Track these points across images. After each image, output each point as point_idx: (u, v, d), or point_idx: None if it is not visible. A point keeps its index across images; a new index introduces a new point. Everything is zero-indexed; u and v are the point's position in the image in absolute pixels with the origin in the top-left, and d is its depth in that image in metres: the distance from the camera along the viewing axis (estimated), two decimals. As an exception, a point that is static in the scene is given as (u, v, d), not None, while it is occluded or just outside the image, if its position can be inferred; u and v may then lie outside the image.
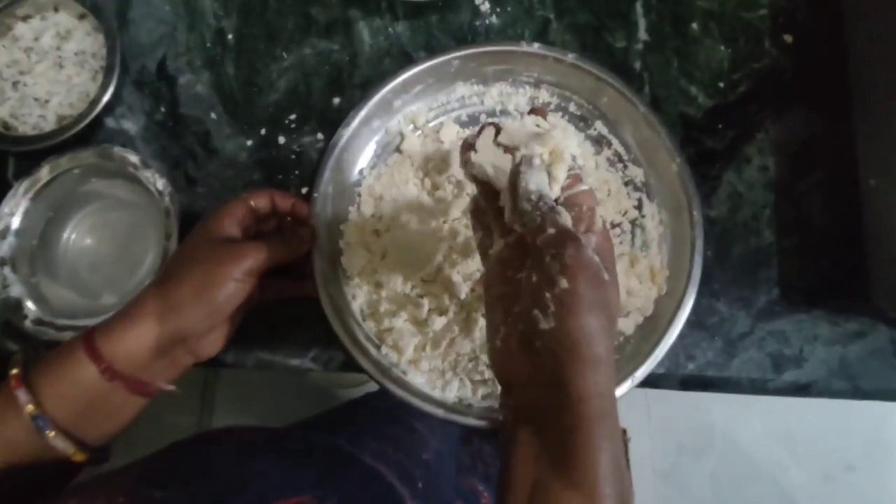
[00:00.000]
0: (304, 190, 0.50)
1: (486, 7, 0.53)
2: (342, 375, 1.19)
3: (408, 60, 0.52)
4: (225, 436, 0.42)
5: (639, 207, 0.47)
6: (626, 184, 0.48)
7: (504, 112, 0.50)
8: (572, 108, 0.49)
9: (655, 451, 1.27)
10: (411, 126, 0.50)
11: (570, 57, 0.47)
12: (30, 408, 0.33)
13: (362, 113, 0.48)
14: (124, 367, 0.35)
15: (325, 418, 0.59)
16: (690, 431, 1.28)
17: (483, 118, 0.50)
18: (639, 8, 0.53)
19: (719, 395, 0.47)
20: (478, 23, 0.53)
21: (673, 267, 0.45)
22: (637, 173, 0.48)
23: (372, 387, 1.21)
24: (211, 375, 1.34)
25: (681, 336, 0.45)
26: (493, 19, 0.53)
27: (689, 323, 0.45)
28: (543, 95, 0.50)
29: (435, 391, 0.43)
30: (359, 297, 0.46)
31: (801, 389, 0.46)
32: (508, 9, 0.53)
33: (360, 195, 0.49)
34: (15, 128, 0.51)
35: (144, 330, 0.35)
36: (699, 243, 0.43)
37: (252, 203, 0.41)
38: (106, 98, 0.49)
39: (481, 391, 0.44)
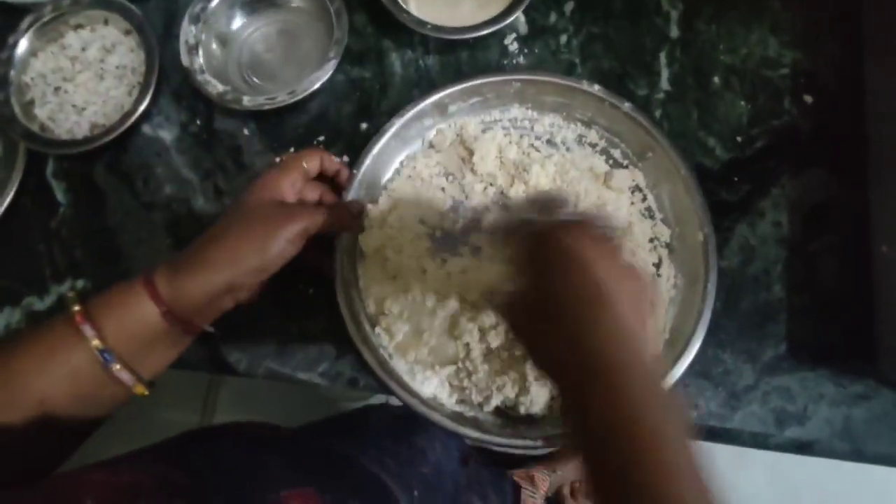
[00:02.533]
0: (345, 157, 0.52)
1: (514, 47, 0.55)
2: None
3: (436, 93, 0.54)
4: (237, 429, 0.43)
5: (658, 265, 0.48)
6: (650, 240, 0.49)
7: (551, 142, 0.52)
8: (617, 154, 0.51)
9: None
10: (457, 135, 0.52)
11: (626, 106, 0.49)
12: (96, 342, 0.35)
13: (417, 108, 0.50)
14: (181, 310, 0.38)
15: (323, 427, 0.60)
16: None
17: (528, 142, 0.52)
18: (663, 58, 0.54)
19: (722, 445, 0.47)
20: (505, 62, 0.55)
21: (674, 332, 0.46)
22: (664, 232, 0.49)
23: (372, 398, 1.21)
24: (215, 375, 1.35)
25: (684, 385, 0.45)
26: (521, 59, 0.55)
27: (694, 372, 0.46)
28: (592, 136, 0.51)
29: (414, 382, 0.45)
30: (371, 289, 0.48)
31: (803, 448, 0.45)
32: (536, 50, 0.55)
33: (385, 189, 0.51)
34: (51, 130, 0.53)
35: (203, 278, 0.38)
36: (707, 315, 0.44)
37: (305, 165, 0.44)
38: (137, 113, 0.52)
39: (456, 395, 0.46)
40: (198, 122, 0.55)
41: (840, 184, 0.50)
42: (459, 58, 0.55)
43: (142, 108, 0.52)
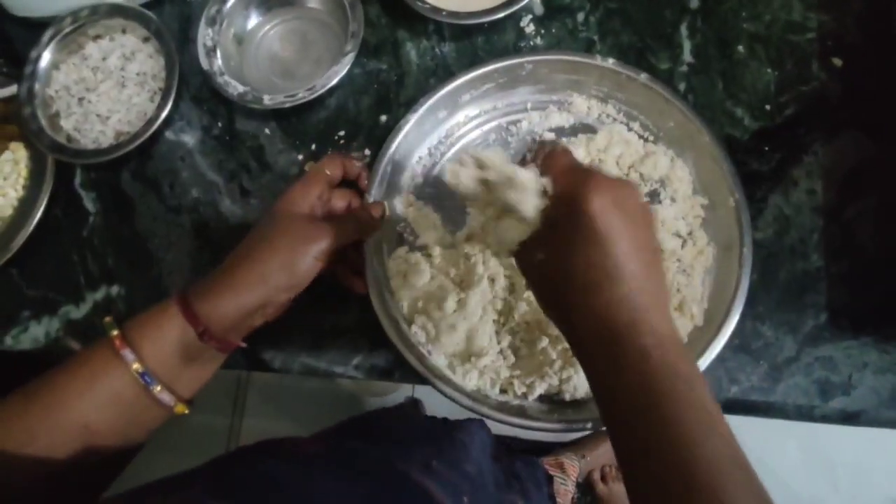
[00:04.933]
0: (366, 152, 0.52)
1: (531, 29, 0.54)
2: (372, 382, 1.21)
3: (454, 80, 0.53)
4: (281, 447, 0.43)
5: (690, 235, 0.48)
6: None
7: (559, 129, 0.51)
8: (636, 127, 0.50)
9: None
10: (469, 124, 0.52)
11: (643, 77, 0.48)
12: (136, 365, 0.36)
13: (431, 101, 0.49)
14: (216, 329, 0.38)
15: (359, 427, 0.60)
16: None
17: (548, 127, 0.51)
18: (683, 30, 0.53)
19: (754, 419, 0.46)
20: (522, 44, 0.54)
21: (712, 301, 0.45)
22: (694, 202, 0.48)
23: (398, 397, 1.21)
24: (243, 377, 1.37)
25: (723, 359, 0.45)
26: (538, 40, 0.54)
27: (733, 346, 0.45)
28: (610, 111, 0.51)
29: (455, 376, 0.45)
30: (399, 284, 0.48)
31: (850, 418, 0.44)
32: (553, 30, 0.54)
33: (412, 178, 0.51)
34: (77, 140, 0.54)
35: (236, 298, 0.38)
36: (745, 282, 0.43)
37: (328, 173, 0.44)
38: (161, 119, 0.52)
39: (499, 386, 0.45)
40: (219, 124, 0.55)
41: (874, 146, 0.49)
42: (475, 43, 0.55)
43: (164, 113, 0.52)
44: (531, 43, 0.54)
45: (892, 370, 0.45)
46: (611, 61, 0.49)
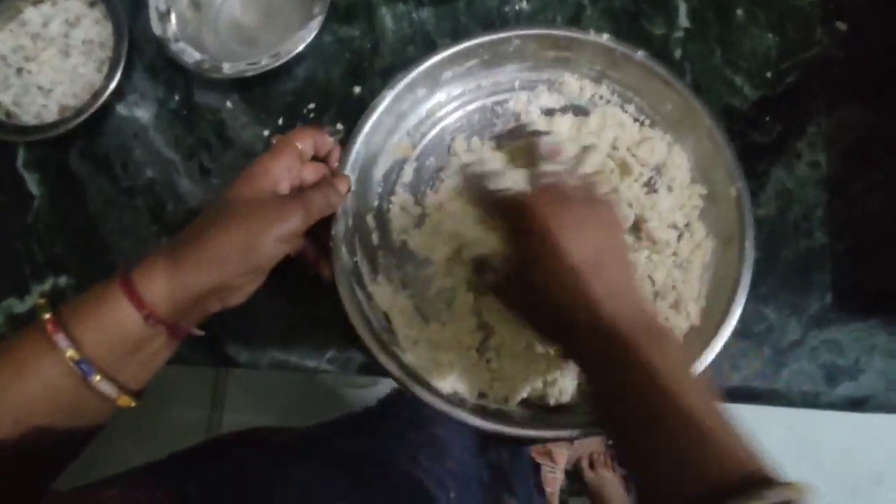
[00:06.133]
0: (339, 126, 0.48)
1: (516, -8, 0.50)
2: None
3: (432, 48, 0.49)
4: (253, 437, 0.40)
5: (687, 227, 0.44)
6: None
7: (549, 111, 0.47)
8: (632, 109, 0.46)
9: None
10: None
11: (639, 55, 0.44)
12: (71, 353, 0.31)
13: (409, 78, 0.44)
14: (165, 313, 0.34)
15: (345, 423, 0.57)
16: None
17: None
18: (679, -7, 0.50)
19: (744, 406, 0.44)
20: (507, 8, 0.50)
21: (710, 298, 0.42)
22: (693, 191, 0.45)
23: (381, 390, 1.19)
24: (222, 370, 1.33)
25: (725, 345, 0.42)
26: (524, 4, 0.50)
27: (734, 332, 0.42)
28: (604, 91, 0.47)
29: (432, 377, 0.41)
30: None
31: (857, 404, 0.42)
32: (539, -6, 0.50)
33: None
34: (17, 116, 0.49)
35: (187, 278, 0.34)
36: (745, 279, 0.40)
37: (299, 146, 0.39)
38: (109, 91, 0.47)
39: (477, 389, 0.42)
40: (176, 97, 0.50)
41: (881, 115, 0.46)
42: (457, 8, 0.50)
43: (113, 84, 0.47)
44: (516, 7, 0.50)
45: (901, 353, 0.43)
46: (605, 37, 0.45)
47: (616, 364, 0.31)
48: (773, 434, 1.30)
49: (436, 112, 0.47)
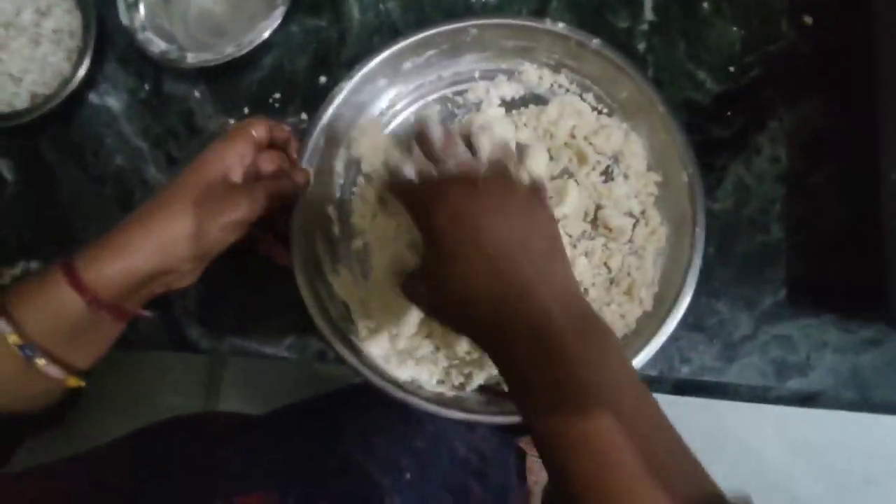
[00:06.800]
0: (303, 116, 0.49)
1: (482, -17, 0.50)
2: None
3: (398, 39, 0.49)
4: (194, 422, 0.41)
5: (642, 214, 0.44)
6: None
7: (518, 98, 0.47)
8: (590, 98, 0.46)
9: (663, 455, 1.23)
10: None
11: (595, 43, 0.44)
12: (13, 337, 0.32)
13: (367, 68, 0.44)
14: (107, 296, 0.34)
15: (307, 408, 0.58)
16: (700, 435, 1.23)
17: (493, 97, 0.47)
18: (645, -15, 0.49)
19: (733, 402, 0.44)
20: (473, 0, 0.50)
21: (663, 283, 0.42)
22: (647, 178, 0.45)
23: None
24: (217, 360, 1.34)
25: (675, 338, 0.42)
26: (490, -4, 0.50)
27: (687, 325, 0.42)
28: (563, 80, 0.47)
29: (389, 366, 0.42)
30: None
31: (806, 400, 0.42)
32: (506, -15, 0.50)
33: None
34: (-12, 104, 0.50)
35: (130, 263, 0.34)
36: (696, 264, 0.40)
37: (254, 133, 0.39)
38: (77, 80, 0.48)
39: (436, 377, 0.43)
40: (146, 86, 0.51)
41: (843, 109, 0.45)
42: (422, -1, 0.51)
43: (81, 73, 0.48)
44: (482, -1, 0.50)
45: (854, 350, 0.43)
46: (560, 25, 0.44)
47: (539, 353, 0.29)
48: (763, 433, 1.29)
49: (396, 103, 0.48)
